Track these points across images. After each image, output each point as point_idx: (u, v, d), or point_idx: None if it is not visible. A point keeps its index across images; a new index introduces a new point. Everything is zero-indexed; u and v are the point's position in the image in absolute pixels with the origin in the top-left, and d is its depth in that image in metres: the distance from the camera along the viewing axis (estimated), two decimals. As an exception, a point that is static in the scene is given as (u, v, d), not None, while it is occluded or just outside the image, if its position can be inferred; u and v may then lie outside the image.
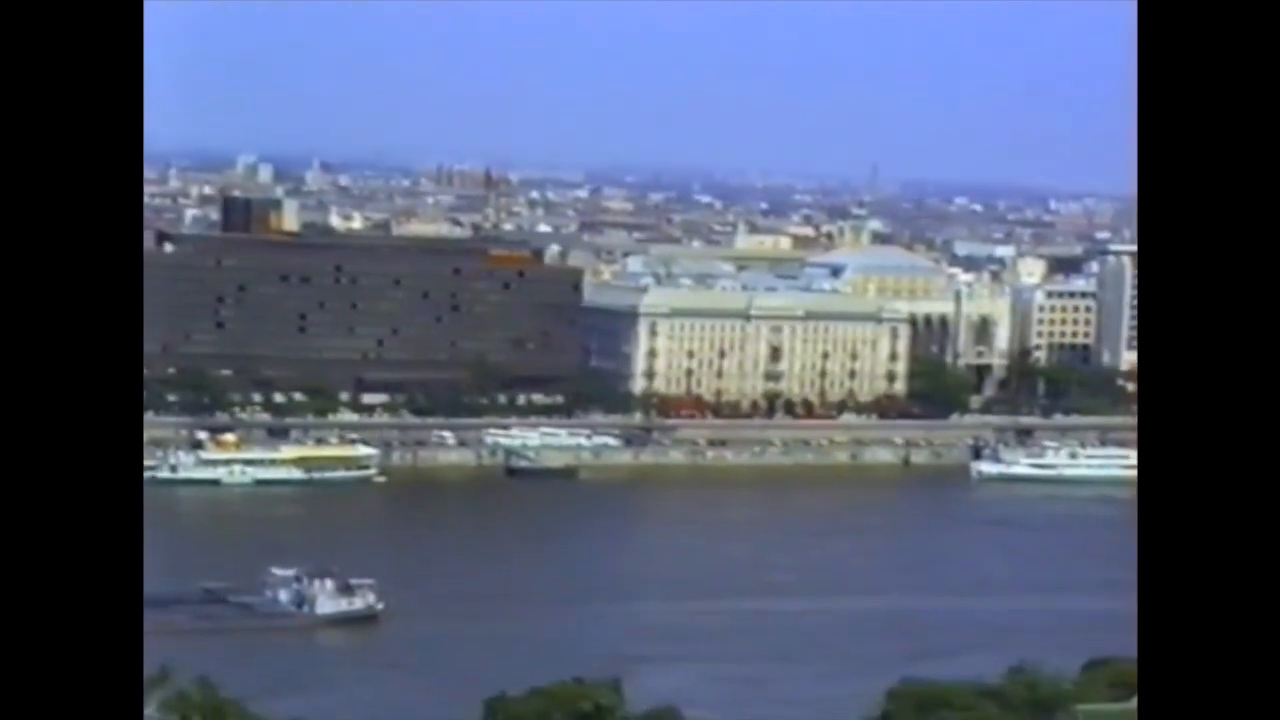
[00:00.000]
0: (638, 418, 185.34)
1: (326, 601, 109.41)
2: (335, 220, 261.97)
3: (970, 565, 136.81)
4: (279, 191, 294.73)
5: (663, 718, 66.52)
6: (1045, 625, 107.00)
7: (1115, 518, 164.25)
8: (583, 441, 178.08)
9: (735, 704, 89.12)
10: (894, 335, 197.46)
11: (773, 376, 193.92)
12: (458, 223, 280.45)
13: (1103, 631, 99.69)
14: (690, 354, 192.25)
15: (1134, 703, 53.72)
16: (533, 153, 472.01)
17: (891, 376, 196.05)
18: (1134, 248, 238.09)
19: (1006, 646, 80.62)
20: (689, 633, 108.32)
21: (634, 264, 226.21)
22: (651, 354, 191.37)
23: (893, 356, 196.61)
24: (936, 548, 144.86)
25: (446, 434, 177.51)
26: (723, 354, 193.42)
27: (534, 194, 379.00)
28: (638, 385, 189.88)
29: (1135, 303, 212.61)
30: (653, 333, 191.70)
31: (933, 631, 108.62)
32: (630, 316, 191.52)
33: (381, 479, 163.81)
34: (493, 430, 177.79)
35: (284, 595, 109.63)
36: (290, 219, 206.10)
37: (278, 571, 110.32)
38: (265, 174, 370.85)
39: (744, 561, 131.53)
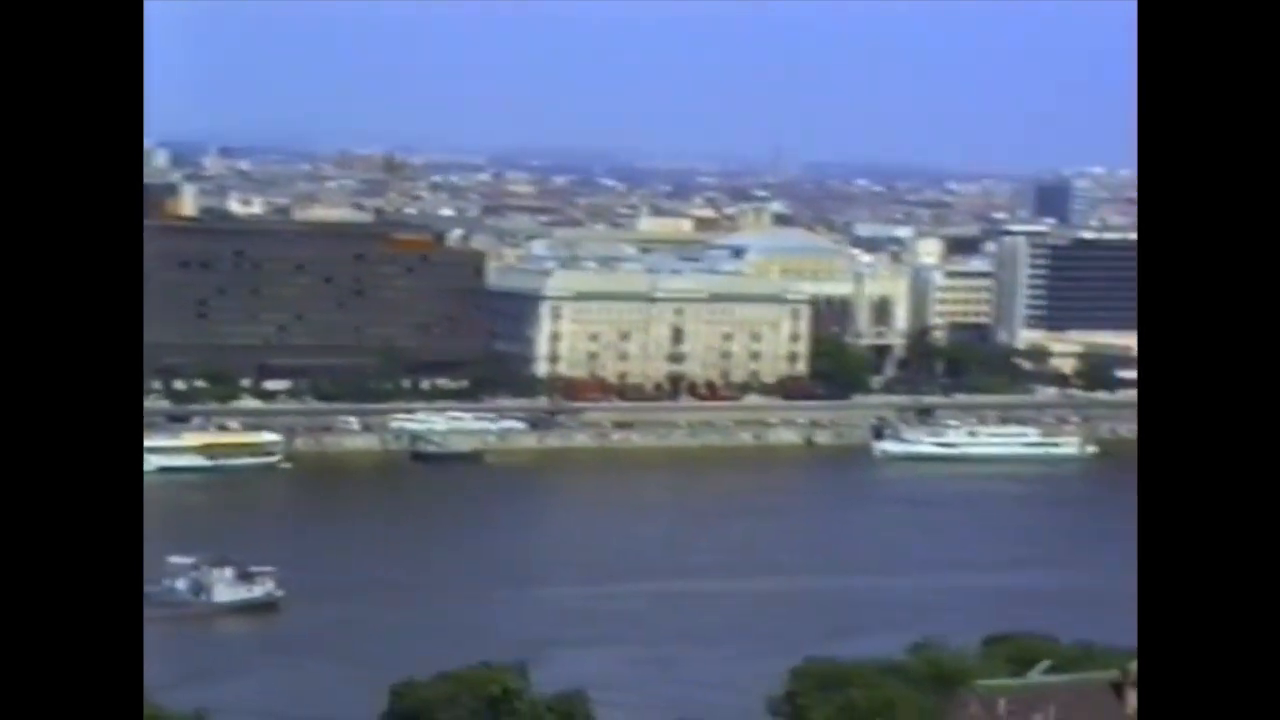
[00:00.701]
0: (543, 401, 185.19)
1: (225, 589, 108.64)
2: (235, 205, 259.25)
3: (880, 544, 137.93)
4: (176, 177, 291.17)
5: (570, 701, 66.58)
6: (955, 602, 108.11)
7: (1020, 495, 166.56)
8: (489, 425, 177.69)
9: (647, 685, 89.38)
10: (796, 316, 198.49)
11: (676, 358, 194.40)
12: (360, 207, 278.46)
13: (1011, 607, 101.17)
14: (594, 337, 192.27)
15: (1033, 675, 54.47)
16: (435, 136, 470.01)
17: (794, 357, 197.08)
18: (1030, 227, 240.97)
19: (917, 624, 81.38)
20: (602, 616, 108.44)
21: (538, 247, 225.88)
22: (556, 337, 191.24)
23: (795, 337, 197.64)
24: (846, 527, 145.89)
25: (352, 419, 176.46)
26: (627, 336, 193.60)
27: (437, 178, 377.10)
28: (542, 368, 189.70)
29: (1030, 281, 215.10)
30: (557, 316, 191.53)
31: (845, 610, 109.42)
32: (534, 300, 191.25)
33: (287, 465, 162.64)
34: (398, 415, 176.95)
35: (181, 584, 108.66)
36: (188, 204, 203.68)
37: (175, 560, 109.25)
38: (162, 159, 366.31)
39: (655, 543, 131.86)
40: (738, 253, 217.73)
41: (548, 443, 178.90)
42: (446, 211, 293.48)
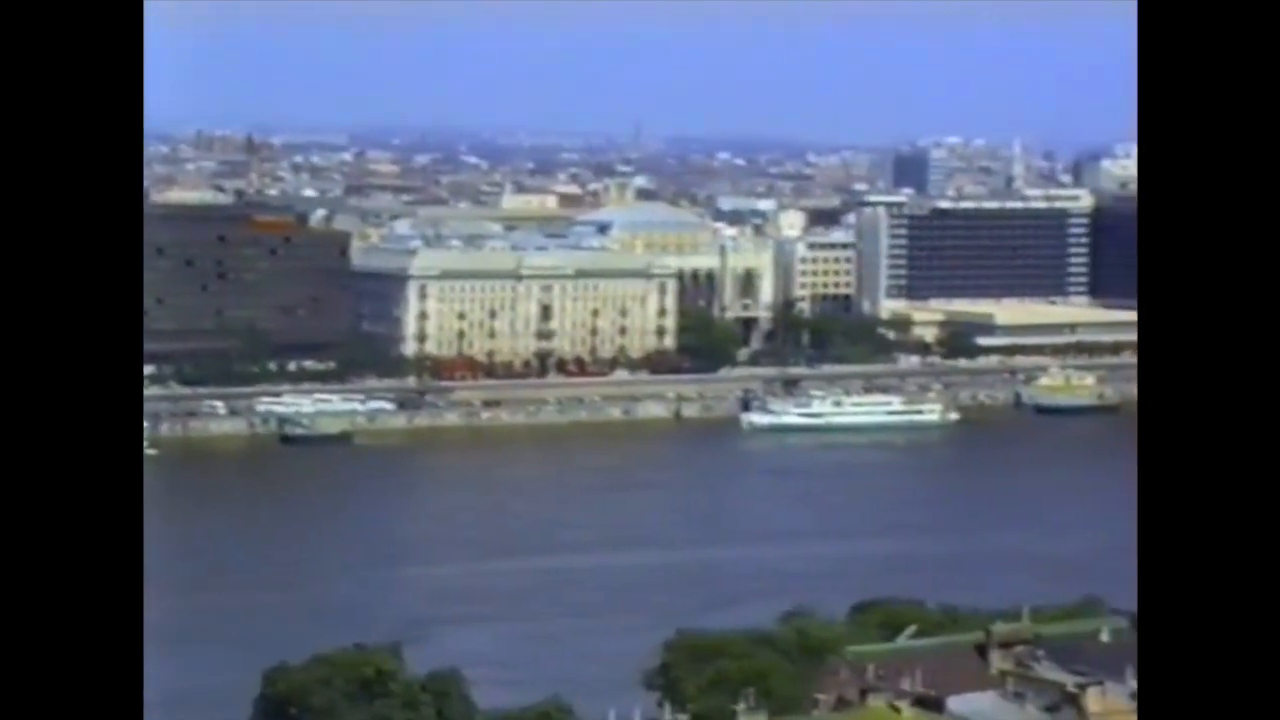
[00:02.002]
0: (411, 381, 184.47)
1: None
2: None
3: (754, 514, 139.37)
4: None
5: (444, 680, 66.67)
6: (827, 570, 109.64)
7: (886, 462, 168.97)
8: (357, 406, 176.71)
9: (527, 661, 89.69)
10: (662, 291, 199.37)
11: (544, 335, 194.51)
12: (220, 189, 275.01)
13: (886, 573, 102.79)
14: (461, 315, 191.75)
15: (900, 640, 55.45)
16: (295, 116, 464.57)
17: (661, 332, 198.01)
18: (889, 198, 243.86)
19: (790, 593, 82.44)
20: (482, 593, 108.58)
21: (402, 227, 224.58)
22: (422, 316, 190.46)
23: (661, 312, 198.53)
24: (718, 499, 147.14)
25: (218, 404, 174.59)
26: (494, 314, 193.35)
27: (297, 158, 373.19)
28: (410, 348, 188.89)
29: (891, 251, 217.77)
30: (423, 295, 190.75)
31: (724, 581, 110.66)
32: (400, 279, 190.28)
33: (152, 451, 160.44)
34: (265, 398, 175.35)
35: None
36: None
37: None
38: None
39: (532, 520, 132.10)
40: (603, 229, 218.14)
41: (417, 422, 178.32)
42: (309, 192, 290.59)
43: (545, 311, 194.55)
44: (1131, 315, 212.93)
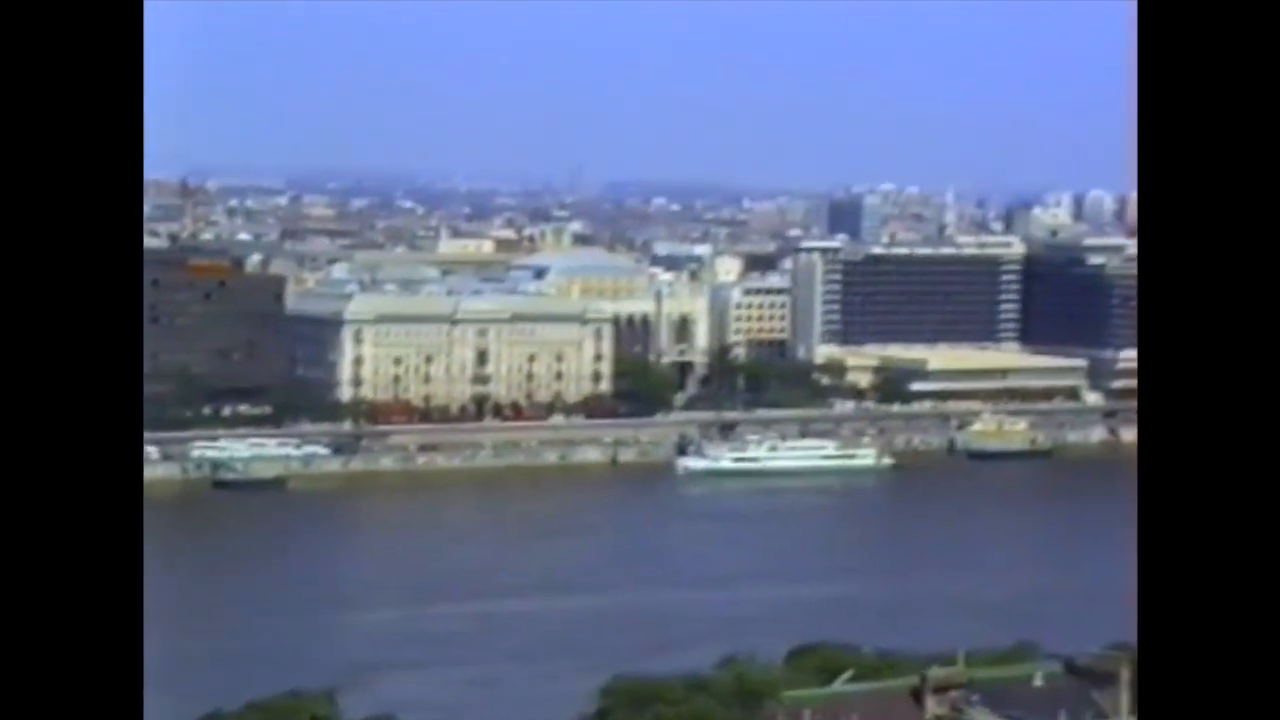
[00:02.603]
0: (347, 425, 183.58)
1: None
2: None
3: (692, 559, 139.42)
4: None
5: (380, 726, 66.28)
6: (768, 614, 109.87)
7: (822, 507, 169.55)
8: (292, 451, 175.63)
9: (466, 706, 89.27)
10: (598, 336, 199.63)
11: (481, 380, 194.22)
12: (154, 233, 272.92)
13: (824, 618, 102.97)
14: (397, 360, 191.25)
15: (836, 685, 55.55)
16: (230, 160, 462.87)
17: (597, 376, 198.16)
18: (824, 243, 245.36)
19: (728, 637, 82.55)
20: (420, 638, 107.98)
21: (338, 271, 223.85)
22: (358, 361, 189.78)
23: (598, 357, 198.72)
24: (658, 543, 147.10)
25: (151, 448, 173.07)
26: (430, 359, 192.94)
27: (233, 202, 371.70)
28: (345, 393, 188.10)
29: (826, 297, 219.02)
30: (358, 340, 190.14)
31: (663, 626, 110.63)
32: (335, 324, 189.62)
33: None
34: (199, 443, 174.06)
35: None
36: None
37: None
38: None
39: (470, 564, 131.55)
40: (539, 273, 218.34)
41: (352, 467, 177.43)
42: (244, 236, 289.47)
43: (481, 356, 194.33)
44: (1061, 361, 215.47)
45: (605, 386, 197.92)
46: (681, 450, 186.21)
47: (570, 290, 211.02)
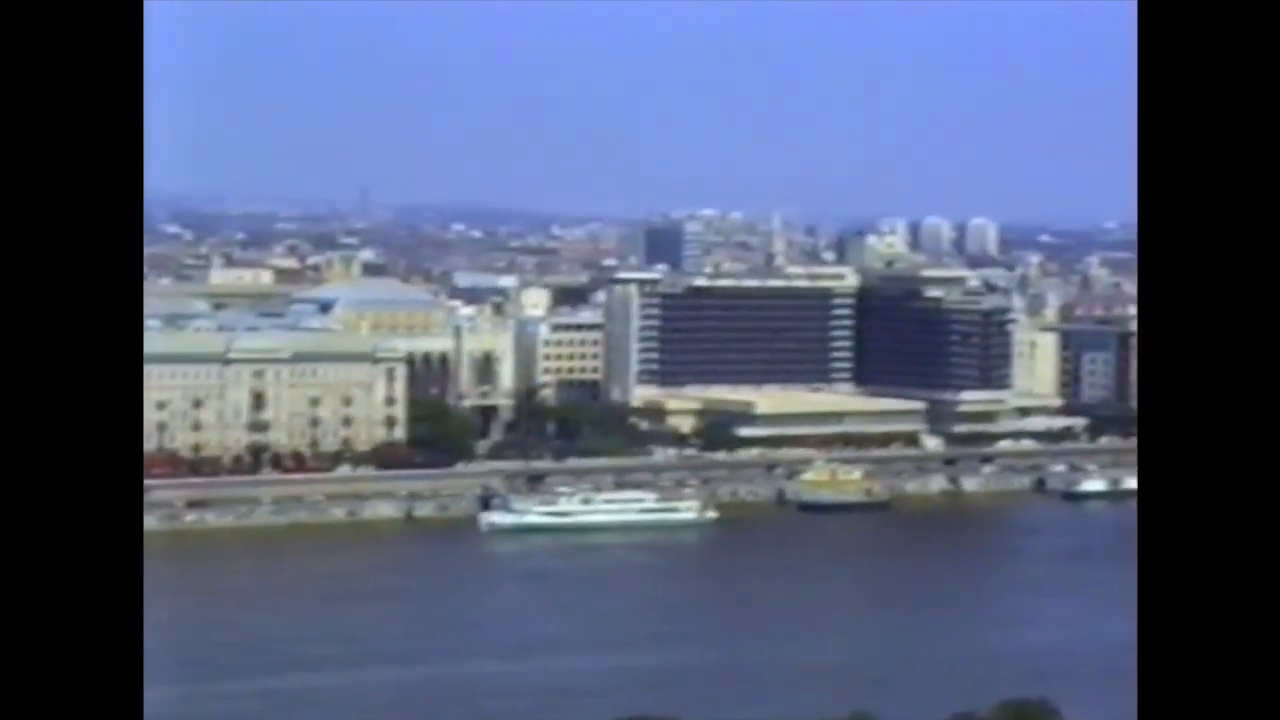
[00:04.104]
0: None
1: None
2: None
3: (505, 625, 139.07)
4: None
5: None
6: (590, 686, 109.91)
7: (644, 566, 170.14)
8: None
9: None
10: (391, 376, 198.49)
11: (258, 427, 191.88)
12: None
13: (649, 687, 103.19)
14: (162, 405, 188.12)
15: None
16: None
17: (390, 422, 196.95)
18: (641, 274, 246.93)
19: (547, 710, 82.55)
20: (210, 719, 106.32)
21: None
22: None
23: (390, 400, 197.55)
24: (466, 608, 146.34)
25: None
26: (199, 403, 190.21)
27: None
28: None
29: (643, 334, 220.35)
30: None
31: (477, 699, 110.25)
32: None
33: None
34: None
35: None
36: None
37: None
38: None
39: (258, 634, 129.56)
40: (324, 307, 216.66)
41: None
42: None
43: (258, 400, 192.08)
44: (898, 404, 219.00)
45: (399, 433, 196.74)
46: (485, 504, 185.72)
47: (359, 326, 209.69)
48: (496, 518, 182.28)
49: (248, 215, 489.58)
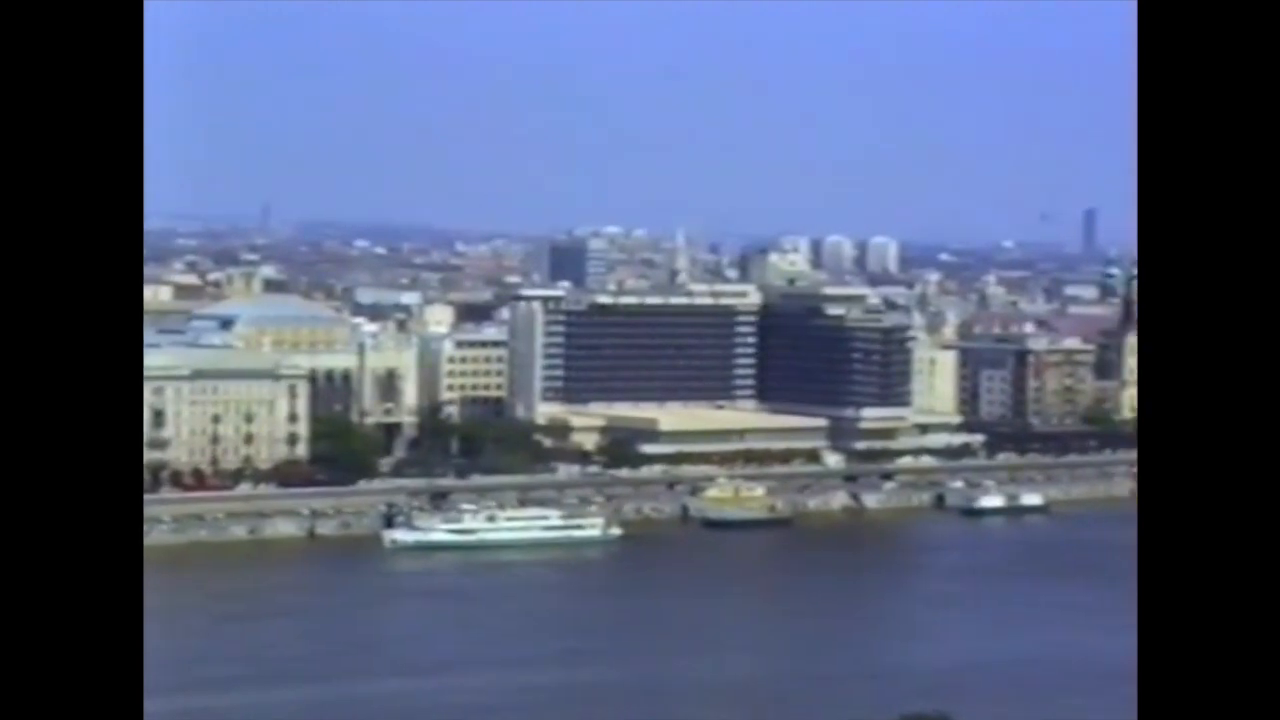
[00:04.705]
0: None
1: None
2: None
3: (410, 642, 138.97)
4: None
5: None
6: (498, 703, 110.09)
7: (549, 583, 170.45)
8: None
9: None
10: (293, 393, 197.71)
11: (157, 445, 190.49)
12: None
13: (556, 705, 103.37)
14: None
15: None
16: None
17: (293, 439, 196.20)
18: (544, 291, 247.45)
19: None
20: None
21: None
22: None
23: (292, 417, 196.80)
24: (370, 626, 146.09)
25: None
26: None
27: None
28: None
29: (547, 350, 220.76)
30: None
31: (395, 718, 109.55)
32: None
33: None
34: None
35: None
36: None
37: None
38: None
39: (161, 655, 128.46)
40: (225, 323, 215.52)
41: None
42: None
43: (157, 417, 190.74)
44: (801, 421, 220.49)
45: (301, 450, 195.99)
46: (388, 521, 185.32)
47: (261, 342, 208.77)
48: (400, 535, 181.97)
49: (146, 231, 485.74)
